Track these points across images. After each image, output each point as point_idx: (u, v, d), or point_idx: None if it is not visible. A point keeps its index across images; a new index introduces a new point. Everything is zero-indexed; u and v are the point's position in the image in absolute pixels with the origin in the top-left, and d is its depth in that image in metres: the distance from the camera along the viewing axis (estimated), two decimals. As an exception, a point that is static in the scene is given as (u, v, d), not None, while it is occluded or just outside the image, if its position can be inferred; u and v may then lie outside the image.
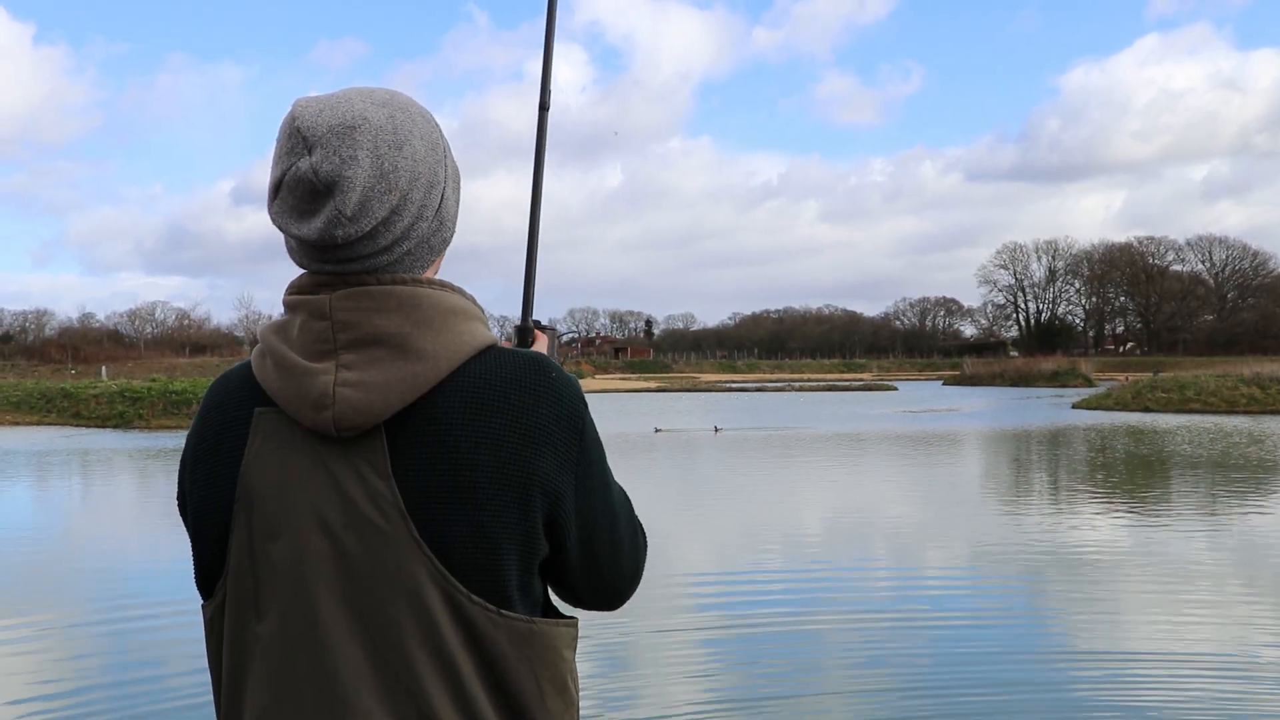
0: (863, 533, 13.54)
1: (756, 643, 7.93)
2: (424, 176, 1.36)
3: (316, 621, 1.30)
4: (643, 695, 6.73)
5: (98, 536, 14.29)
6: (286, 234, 1.35)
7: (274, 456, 1.34)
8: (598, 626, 8.32)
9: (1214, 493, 17.38)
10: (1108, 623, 8.52)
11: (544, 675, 1.34)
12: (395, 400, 1.29)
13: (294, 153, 1.31)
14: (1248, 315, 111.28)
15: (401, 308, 1.32)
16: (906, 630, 8.23)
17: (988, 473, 21.64)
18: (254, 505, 1.33)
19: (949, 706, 6.37)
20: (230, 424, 1.39)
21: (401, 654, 1.28)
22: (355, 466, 1.30)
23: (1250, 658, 7.41)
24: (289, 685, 1.31)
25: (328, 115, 1.31)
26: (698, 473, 21.46)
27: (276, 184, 1.33)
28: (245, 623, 1.35)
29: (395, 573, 1.28)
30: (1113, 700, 6.47)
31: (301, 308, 1.35)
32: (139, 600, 9.59)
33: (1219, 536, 12.78)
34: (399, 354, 1.30)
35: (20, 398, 42.88)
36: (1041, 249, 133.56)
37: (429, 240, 1.40)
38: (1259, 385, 42.89)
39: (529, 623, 1.33)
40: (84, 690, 6.89)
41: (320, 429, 1.30)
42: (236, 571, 1.35)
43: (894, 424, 35.42)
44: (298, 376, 1.32)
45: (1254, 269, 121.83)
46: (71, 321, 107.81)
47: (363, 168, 1.29)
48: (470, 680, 1.29)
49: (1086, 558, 11.39)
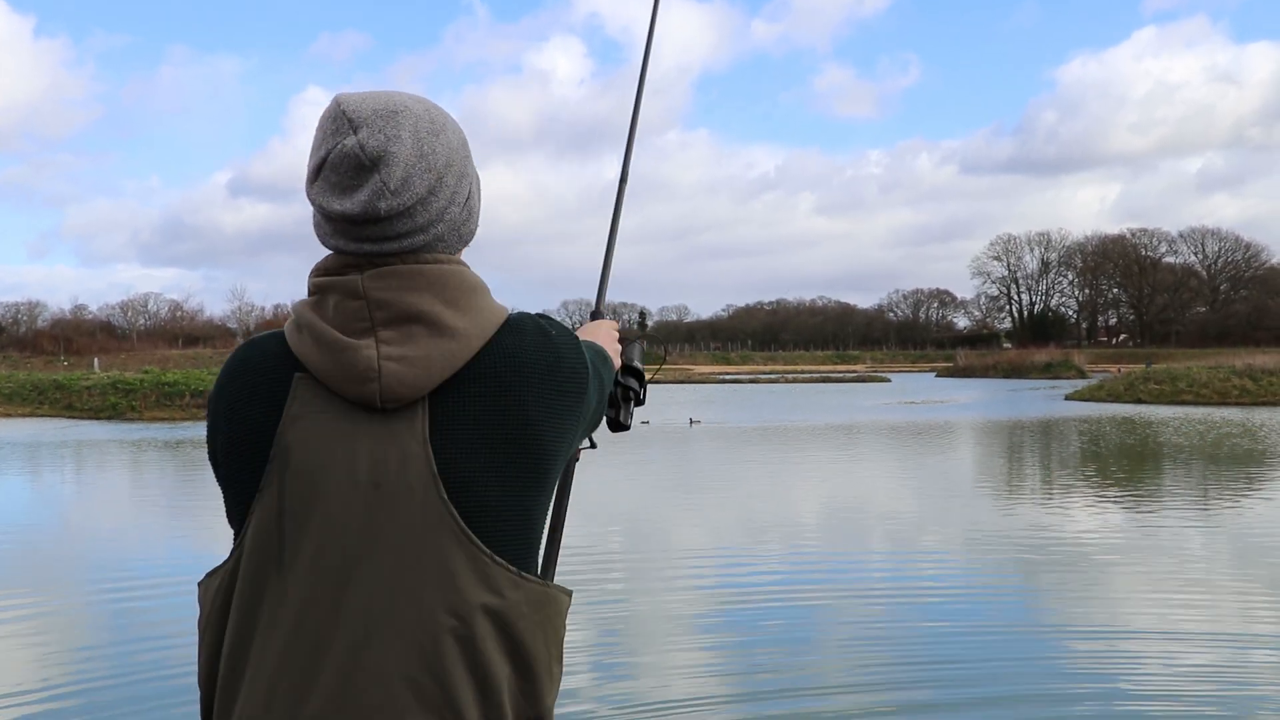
0: (858, 519, 13.61)
1: (754, 617, 7.99)
2: (456, 165, 1.44)
3: (341, 576, 1.33)
4: (643, 666, 6.78)
5: (96, 521, 14.30)
6: (327, 212, 1.39)
7: (312, 419, 1.38)
8: (602, 601, 8.37)
9: (1204, 482, 17.48)
10: (1099, 602, 8.60)
11: (551, 639, 1.40)
12: (437, 374, 1.36)
13: (339, 133, 1.37)
14: (1240, 307, 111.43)
15: (431, 286, 1.39)
16: (901, 607, 8.32)
17: (980, 463, 21.72)
18: (289, 464, 1.37)
19: (938, 673, 6.45)
20: (266, 386, 1.41)
21: (421, 612, 1.32)
22: (394, 432, 1.36)
23: (1238, 634, 7.49)
24: (304, 638, 1.34)
25: (370, 101, 1.39)
26: (695, 463, 21.51)
27: (319, 164, 1.39)
28: (264, 578, 1.37)
29: (422, 533, 1.33)
30: (1103, 673, 6.55)
31: (333, 289, 1.40)
32: (138, 580, 9.61)
33: (1209, 523, 12.86)
34: (434, 331, 1.37)
35: (12, 389, 42.75)
36: (1035, 241, 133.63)
37: (459, 229, 1.47)
38: (1251, 377, 42.99)
39: (544, 586, 1.40)
40: (87, 668, 6.92)
41: (364, 400, 1.36)
42: (261, 528, 1.37)
43: (888, 415, 35.49)
44: (338, 351, 1.36)
45: (1246, 261, 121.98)
46: (64, 313, 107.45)
47: (405, 145, 1.37)
48: (485, 640, 1.33)
49: (1077, 543, 11.47)
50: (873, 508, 14.78)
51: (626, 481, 17.33)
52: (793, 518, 13.79)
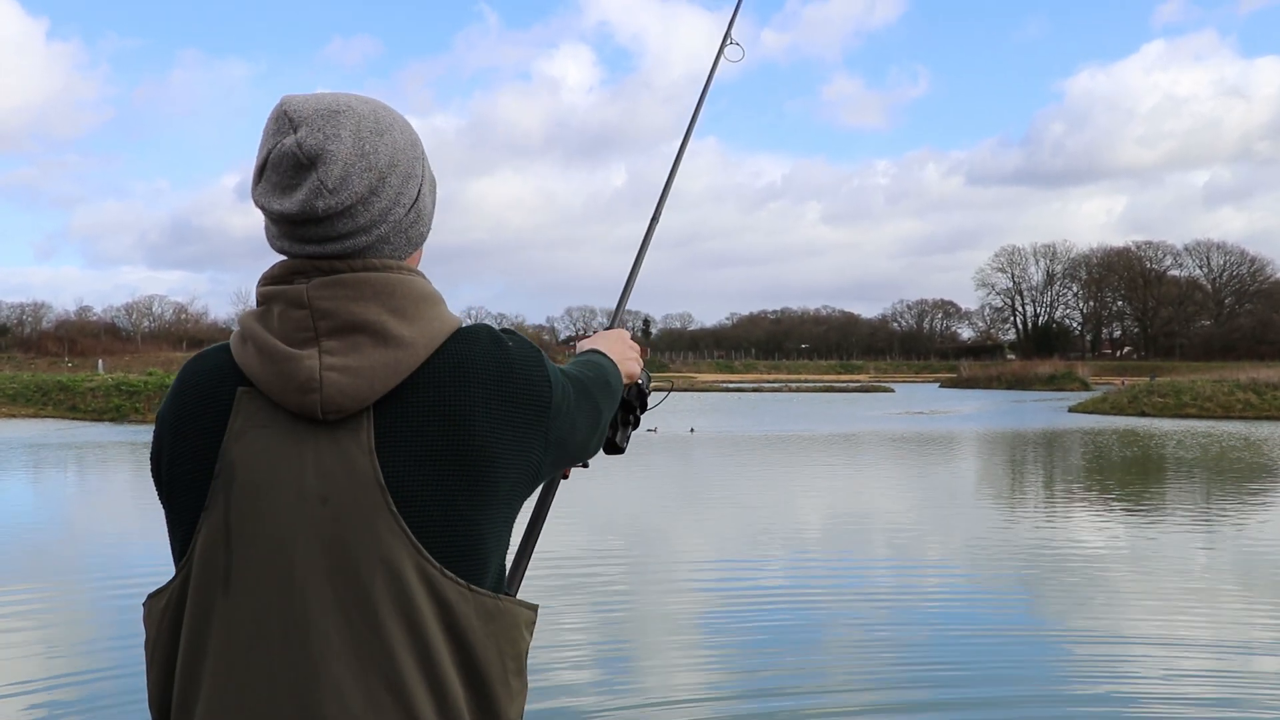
0: (863, 528, 13.60)
1: (754, 621, 7.98)
2: (401, 166, 1.41)
3: (292, 594, 1.31)
4: (644, 668, 6.78)
5: (98, 519, 14.33)
6: (269, 213, 1.38)
7: (256, 434, 1.35)
8: (605, 606, 8.36)
9: (1208, 495, 17.45)
10: (1101, 611, 8.57)
11: (507, 653, 1.37)
12: (380, 385, 1.32)
13: (280, 132, 1.36)
14: (1245, 321, 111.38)
15: (378, 295, 1.35)
16: (903, 613, 8.30)
17: (983, 473, 21.70)
18: (234, 480, 1.34)
19: (939, 676, 6.44)
20: (210, 402, 1.39)
21: (375, 626, 1.30)
22: (339, 444, 1.33)
23: (1241, 643, 7.48)
24: (258, 656, 1.31)
25: (313, 102, 1.37)
26: (697, 471, 21.50)
27: (261, 165, 1.37)
28: (211, 597, 1.34)
29: (372, 545, 1.30)
30: (1105, 681, 6.55)
31: (278, 298, 1.37)
32: (140, 577, 9.64)
33: (1212, 535, 12.83)
34: (379, 341, 1.33)
35: (16, 390, 42.83)
36: (1040, 252, 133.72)
37: (406, 231, 1.43)
38: (1255, 391, 42.93)
39: (495, 599, 1.36)
40: (91, 660, 6.94)
41: (306, 412, 1.33)
42: (208, 546, 1.35)
43: (892, 425, 35.47)
44: (281, 361, 1.34)
45: (1252, 275, 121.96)
46: (68, 315, 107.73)
47: (345, 144, 1.34)
48: (439, 653, 1.31)
49: (1079, 554, 11.45)
50: (875, 517, 14.76)
51: (626, 487, 17.33)
52: (794, 526, 13.77)
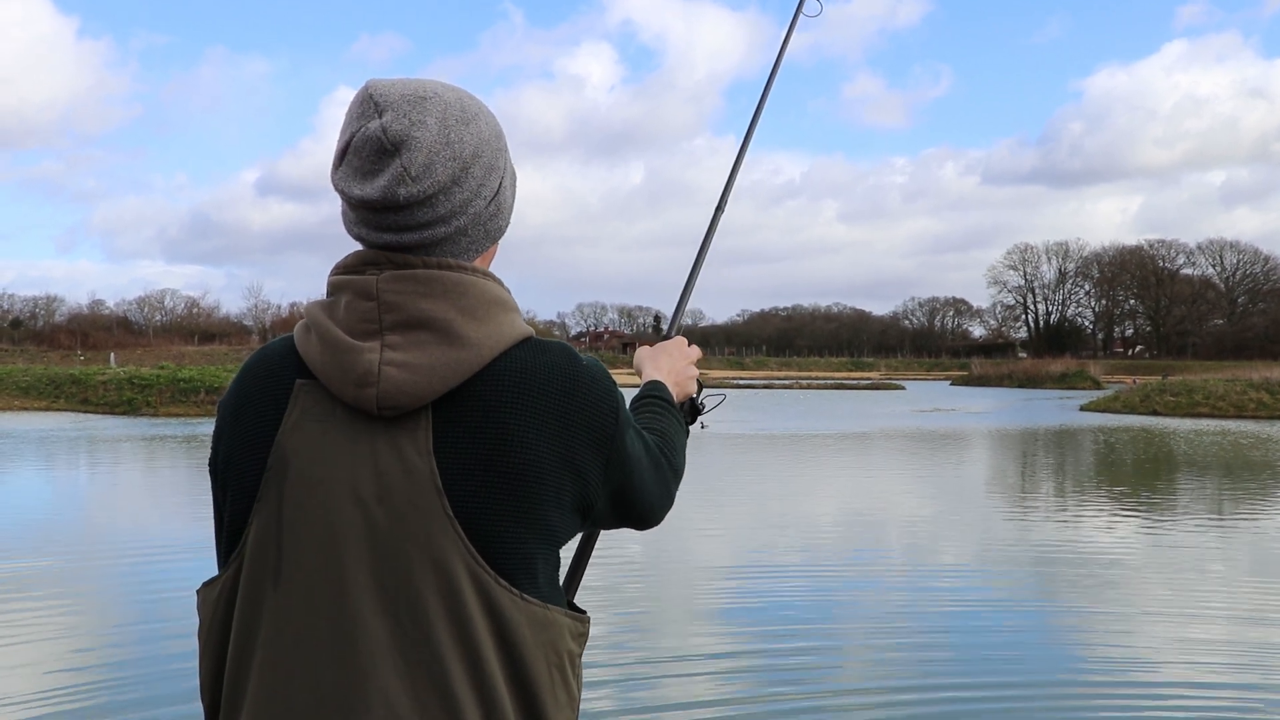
0: (878, 526, 13.56)
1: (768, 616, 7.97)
2: (485, 156, 1.38)
3: (342, 592, 1.29)
4: (658, 666, 6.76)
5: (117, 513, 14.38)
6: (349, 197, 1.35)
7: (313, 427, 1.33)
8: (618, 605, 8.36)
9: (1222, 494, 17.36)
10: (1115, 610, 8.52)
11: (554, 663, 1.35)
12: (439, 384, 1.30)
13: (364, 116, 1.33)
14: (1258, 320, 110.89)
15: (448, 294, 1.33)
16: (916, 613, 8.27)
17: (995, 471, 21.63)
18: (287, 474, 1.33)
19: (952, 674, 6.41)
20: (269, 393, 1.38)
21: (424, 629, 1.28)
22: (395, 443, 1.31)
23: (1258, 643, 7.41)
24: (305, 653, 1.30)
25: (400, 86, 1.35)
26: (709, 468, 21.49)
27: (344, 148, 1.35)
28: (261, 591, 1.33)
29: (425, 548, 1.28)
30: (1119, 680, 6.51)
31: (347, 287, 1.36)
32: (164, 575, 9.66)
33: (1229, 535, 12.76)
34: (444, 339, 1.31)
35: (29, 383, 43.04)
36: (1052, 250, 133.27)
37: (485, 224, 1.41)
38: (1268, 390, 42.73)
39: (545, 609, 1.34)
40: (117, 651, 6.95)
41: (362, 406, 1.31)
42: (259, 540, 1.34)
43: (903, 422, 35.40)
44: (342, 353, 1.32)
45: (1265, 274, 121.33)
46: (81, 308, 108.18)
47: (430, 131, 1.32)
48: (488, 659, 1.29)
49: (1093, 555, 11.38)
50: (888, 514, 14.71)
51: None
52: (808, 524, 13.73)
